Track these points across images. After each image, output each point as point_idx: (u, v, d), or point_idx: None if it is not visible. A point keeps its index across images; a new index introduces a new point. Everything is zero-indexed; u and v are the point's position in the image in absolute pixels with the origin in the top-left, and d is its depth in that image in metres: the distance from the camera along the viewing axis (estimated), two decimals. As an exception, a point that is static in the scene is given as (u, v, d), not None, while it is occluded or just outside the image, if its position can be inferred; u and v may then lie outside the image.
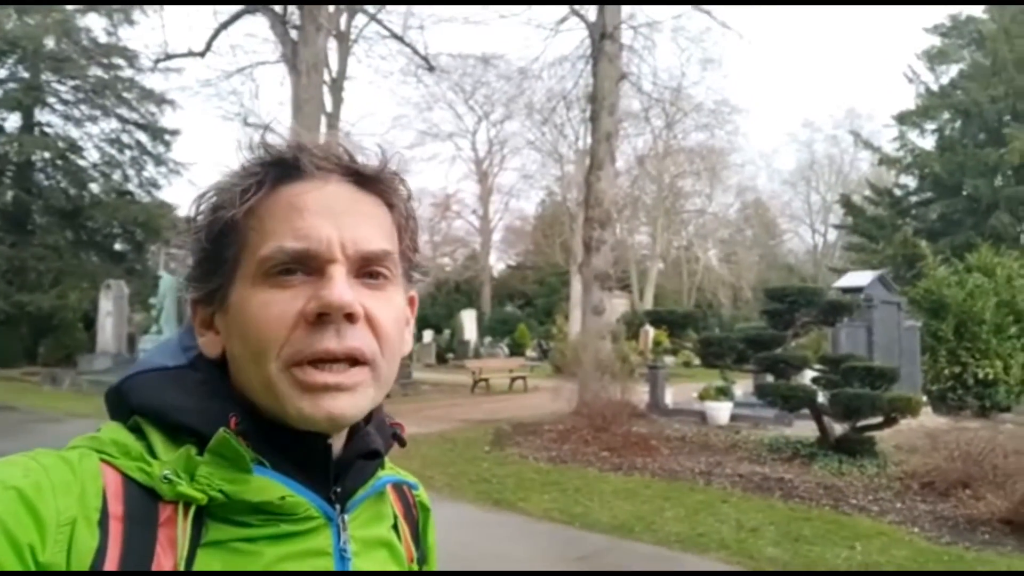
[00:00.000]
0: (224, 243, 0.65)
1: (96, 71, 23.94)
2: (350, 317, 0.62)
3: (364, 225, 0.65)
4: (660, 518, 6.38)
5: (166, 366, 0.67)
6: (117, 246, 25.25)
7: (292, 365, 0.61)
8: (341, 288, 0.61)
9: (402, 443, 0.77)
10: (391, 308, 0.66)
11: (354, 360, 0.63)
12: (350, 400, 0.63)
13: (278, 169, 0.65)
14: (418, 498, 0.84)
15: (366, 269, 0.65)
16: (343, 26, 20.39)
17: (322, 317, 0.61)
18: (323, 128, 18.23)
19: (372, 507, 0.73)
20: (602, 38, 14.13)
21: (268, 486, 0.62)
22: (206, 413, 0.62)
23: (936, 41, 29.43)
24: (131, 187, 25.28)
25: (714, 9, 15.90)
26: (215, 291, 0.66)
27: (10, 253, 21.40)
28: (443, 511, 7.18)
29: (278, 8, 16.79)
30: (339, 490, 0.67)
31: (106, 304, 18.37)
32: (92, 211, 23.73)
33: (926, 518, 6.43)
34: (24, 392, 15.99)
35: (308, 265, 0.63)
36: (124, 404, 0.65)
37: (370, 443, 0.70)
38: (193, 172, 25.46)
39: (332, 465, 0.67)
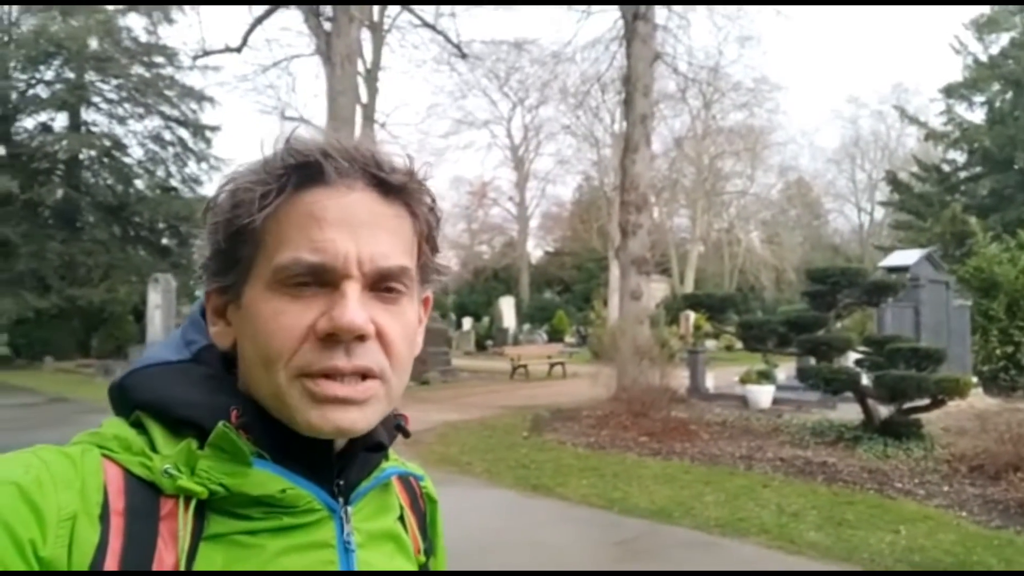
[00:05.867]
0: (240, 242, 0.65)
1: (138, 70, 24.52)
2: (361, 338, 0.62)
3: (384, 239, 0.64)
4: (700, 503, 6.34)
5: (169, 360, 0.68)
6: (163, 241, 25.87)
7: (302, 376, 0.61)
8: (353, 310, 0.61)
9: (406, 434, 0.76)
10: (404, 323, 0.66)
11: (364, 375, 0.63)
12: (360, 414, 0.63)
13: (301, 173, 0.64)
14: (425, 490, 0.83)
15: (382, 285, 0.64)
16: (376, 16, 20.49)
17: (332, 336, 0.61)
18: (359, 119, 18.37)
19: (377, 499, 0.73)
20: (635, 19, 13.95)
21: (268, 479, 0.62)
22: (208, 407, 0.63)
23: (985, 9, 28.37)
24: (174, 183, 25.92)
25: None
26: (229, 287, 0.67)
27: (61, 249, 22.06)
28: (481, 496, 7.13)
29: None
30: (342, 482, 0.67)
31: (155, 297, 18.79)
32: (138, 207, 24.36)
33: (975, 502, 6.27)
34: (78, 384, 16.53)
35: (323, 278, 0.62)
36: (127, 399, 0.66)
37: (374, 435, 0.69)
38: (233, 167, 25.87)
39: (334, 458, 0.67)
